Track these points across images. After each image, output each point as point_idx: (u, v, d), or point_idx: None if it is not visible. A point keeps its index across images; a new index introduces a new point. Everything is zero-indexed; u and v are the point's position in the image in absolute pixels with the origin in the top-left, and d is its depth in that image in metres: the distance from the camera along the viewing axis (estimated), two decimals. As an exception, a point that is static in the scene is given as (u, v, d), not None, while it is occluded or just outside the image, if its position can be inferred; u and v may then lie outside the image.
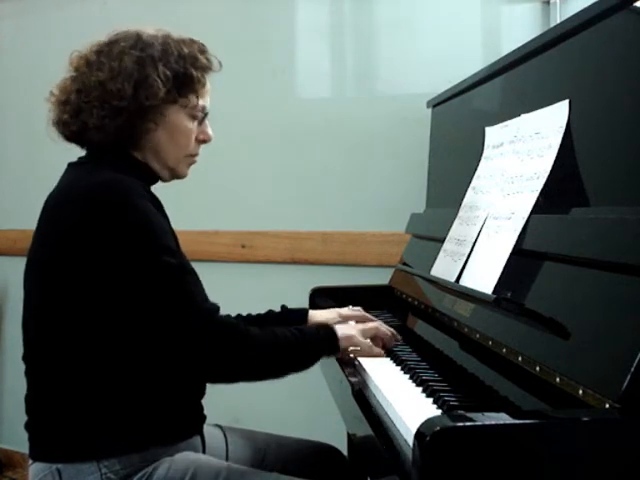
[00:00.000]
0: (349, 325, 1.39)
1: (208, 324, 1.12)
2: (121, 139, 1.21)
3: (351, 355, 1.34)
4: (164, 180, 1.32)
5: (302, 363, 1.24)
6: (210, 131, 1.32)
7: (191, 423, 1.27)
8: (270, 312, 1.52)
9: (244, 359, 1.15)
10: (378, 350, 1.35)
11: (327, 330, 1.29)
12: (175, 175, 1.31)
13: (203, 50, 1.28)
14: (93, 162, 1.23)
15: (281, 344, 1.19)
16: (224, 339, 1.12)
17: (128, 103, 1.18)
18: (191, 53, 1.25)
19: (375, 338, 1.38)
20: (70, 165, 1.27)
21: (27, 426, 1.21)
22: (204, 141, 1.32)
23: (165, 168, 1.28)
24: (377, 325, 1.40)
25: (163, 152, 1.26)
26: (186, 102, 1.25)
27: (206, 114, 1.30)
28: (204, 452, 1.29)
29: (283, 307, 1.53)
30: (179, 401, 1.23)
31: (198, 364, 1.13)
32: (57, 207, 1.18)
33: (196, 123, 1.28)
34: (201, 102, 1.27)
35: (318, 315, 1.52)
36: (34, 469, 1.18)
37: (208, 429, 1.35)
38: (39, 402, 1.20)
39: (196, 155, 1.32)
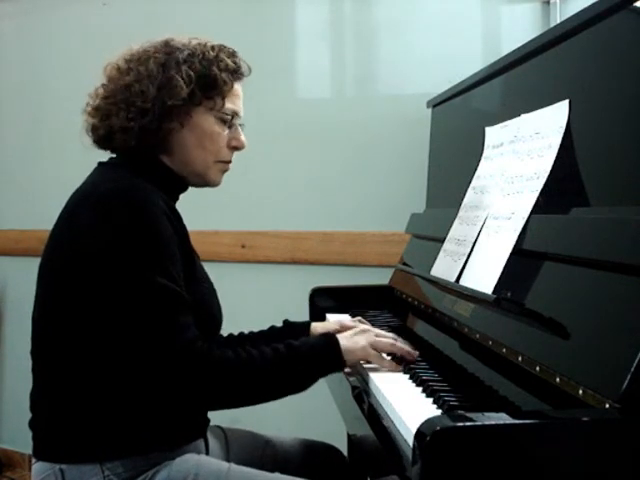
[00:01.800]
0: (359, 337, 1.24)
1: (185, 356, 1.08)
2: (146, 140, 1.21)
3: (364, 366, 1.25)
4: (195, 186, 1.31)
5: (294, 384, 1.18)
6: (243, 138, 1.30)
7: (195, 427, 1.26)
8: (273, 328, 1.48)
9: (224, 390, 1.11)
10: (390, 363, 1.23)
11: (329, 344, 1.19)
12: (206, 182, 1.30)
13: (232, 54, 1.29)
14: (122, 166, 1.23)
15: (267, 369, 1.13)
16: (200, 371, 1.09)
17: (152, 104, 1.19)
18: (217, 56, 1.25)
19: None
20: (100, 164, 1.27)
21: (31, 424, 1.21)
22: (236, 148, 1.30)
23: (194, 174, 1.27)
24: (391, 341, 1.25)
25: (191, 155, 1.25)
26: (212, 104, 1.24)
27: (235, 118, 1.28)
28: (207, 454, 1.29)
29: (285, 321, 1.49)
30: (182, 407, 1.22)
31: (173, 392, 1.11)
32: (75, 208, 1.18)
33: (226, 127, 1.27)
34: (229, 105, 1.26)
35: (320, 327, 1.45)
36: (37, 468, 1.18)
37: (209, 430, 1.35)
38: (44, 400, 1.20)
39: (229, 162, 1.30)
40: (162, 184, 1.21)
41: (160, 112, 1.19)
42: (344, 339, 1.20)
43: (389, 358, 1.26)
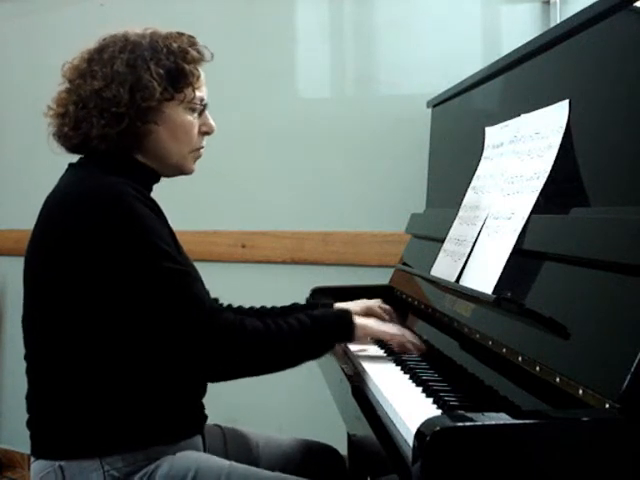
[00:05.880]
0: (367, 319, 1.36)
1: (208, 326, 1.12)
2: (123, 143, 1.21)
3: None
4: (168, 176, 1.31)
5: (313, 352, 1.24)
6: (212, 122, 1.31)
7: (193, 422, 1.27)
8: (295, 305, 1.53)
9: (247, 355, 1.15)
10: (398, 340, 1.34)
11: (344, 317, 1.27)
12: (182, 171, 1.30)
13: (192, 42, 1.28)
14: (92, 164, 1.22)
15: (286, 336, 1.17)
16: (225, 338, 1.12)
17: (127, 108, 1.18)
18: (180, 47, 1.25)
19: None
20: (70, 165, 1.27)
21: (29, 423, 1.21)
22: (207, 133, 1.31)
23: (169, 166, 1.28)
24: (402, 333, 1.36)
25: (166, 150, 1.25)
26: (182, 97, 1.24)
27: (205, 105, 1.29)
28: (205, 452, 1.29)
29: (308, 301, 1.55)
30: (180, 399, 1.23)
31: (202, 365, 1.14)
32: (52, 211, 1.19)
33: (196, 115, 1.28)
34: (198, 94, 1.27)
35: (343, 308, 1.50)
36: (36, 467, 1.18)
37: (208, 429, 1.35)
38: (41, 400, 1.20)
39: (201, 148, 1.31)
40: (135, 178, 1.19)
41: (135, 115, 1.19)
42: (358, 317, 1.29)
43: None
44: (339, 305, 1.52)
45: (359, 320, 1.29)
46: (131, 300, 1.12)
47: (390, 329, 1.35)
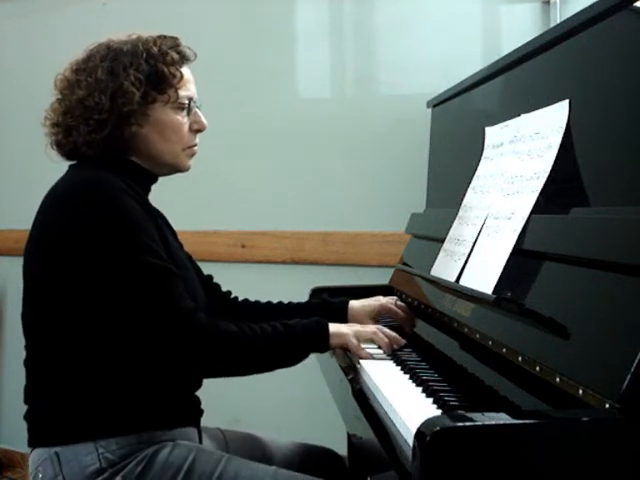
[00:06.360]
0: (346, 325, 1.37)
1: (179, 325, 1.15)
2: (111, 148, 1.23)
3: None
4: (166, 175, 1.33)
5: (285, 359, 1.25)
6: (203, 119, 1.32)
7: (185, 412, 1.28)
8: (310, 303, 1.56)
9: (216, 357, 1.18)
10: (365, 353, 1.32)
11: (319, 326, 1.28)
12: (177, 169, 1.32)
13: (174, 44, 1.29)
14: (88, 166, 1.25)
15: (259, 342, 1.20)
16: (195, 338, 1.15)
17: (109, 114, 1.21)
18: (160, 50, 1.26)
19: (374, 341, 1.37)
20: (70, 167, 1.30)
21: (26, 415, 1.23)
22: (199, 130, 1.32)
23: (163, 165, 1.30)
24: (375, 330, 1.36)
25: (157, 150, 1.27)
26: (166, 98, 1.26)
27: (192, 103, 1.30)
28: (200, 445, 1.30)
29: (324, 298, 1.56)
30: (170, 389, 1.25)
31: (173, 362, 1.18)
32: (44, 207, 1.22)
33: (185, 114, 1.29)
34: (183, 93, 1.28)
35: (359, 306, 1.52)
36: (33, 456, 1.20)
37: (209, 431, 1.35)
38: (38, 388, 1.22)
39: (194, 146, 1.32)
40: (130, 178, 1.22)
41: (118, 120, 1.21)
42: (333, 326, 1.29)
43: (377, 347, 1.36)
44: (354, 303, 1.52)
45: (335, 328, 1.29)
46: (113, 291, 1.14)
47: (366, 331, 1.35)
